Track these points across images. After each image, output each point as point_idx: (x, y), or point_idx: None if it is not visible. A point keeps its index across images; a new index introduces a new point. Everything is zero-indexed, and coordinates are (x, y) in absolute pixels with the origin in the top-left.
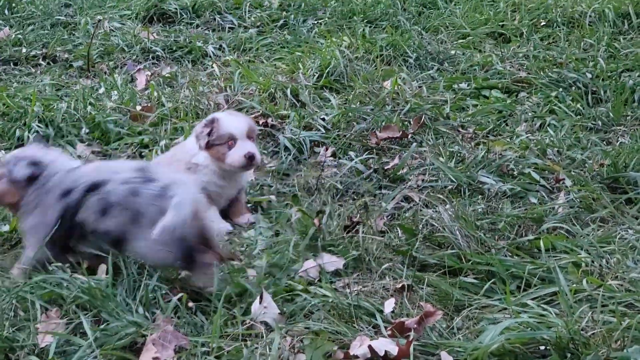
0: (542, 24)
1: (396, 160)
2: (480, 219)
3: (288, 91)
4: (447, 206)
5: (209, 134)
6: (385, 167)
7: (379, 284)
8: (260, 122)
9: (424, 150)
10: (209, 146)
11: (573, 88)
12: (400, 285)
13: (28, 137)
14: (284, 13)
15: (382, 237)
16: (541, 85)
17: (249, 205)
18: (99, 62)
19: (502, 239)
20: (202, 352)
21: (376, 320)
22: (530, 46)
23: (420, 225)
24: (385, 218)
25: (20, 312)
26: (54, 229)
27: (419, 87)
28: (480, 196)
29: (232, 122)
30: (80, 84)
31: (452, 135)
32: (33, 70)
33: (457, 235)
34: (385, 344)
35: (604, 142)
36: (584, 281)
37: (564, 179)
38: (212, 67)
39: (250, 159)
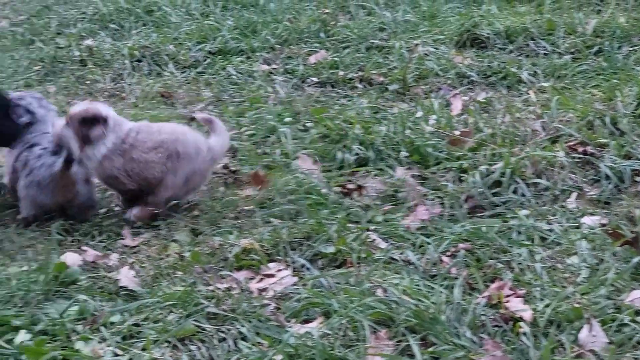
0: None
1: None
2: None
3: (607, 119)
4: None
5: None
6: None
7: None
8: (579, 150)
9: None
10: None
11: None
12: None
13: (348, 158)
14: (599, 39)
15: None
16: None
17: None
18: (414, 86)
19: None
20: None
21: None
22: None
23: None
24: None
25: (350, 332)
26: None
27: None
28: None
29: None
30: (398, 108)
31: None
32: (350, 92)
33: None
34: None
35: None
36: None
37: None
38: (528, 94)
39: None
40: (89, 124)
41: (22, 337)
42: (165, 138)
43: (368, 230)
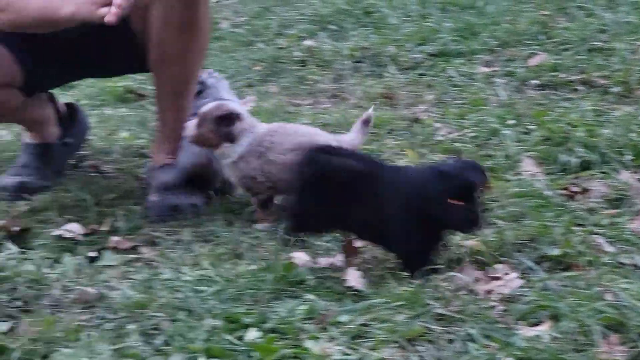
0: None
1: None
2: None
3: None
4: None
5: None
6: None
7: None
8: None
9: None
10: None
11: None
12: None
13: (571, 161)
14: None
15: None
16: None
17: None
18: (638, 88)
19: None
20: None
21: None
22: None
23: None
24: None
25: (580, 337)
26: None
27: None
28: None
29: None
30: (621, 110)
31: None
32: (571, 95)
33: None
34: None
35: None
36: None
37: None
38: None
39: None
40: (224, 121)
41: (252, 334)
42: (303, 140)
43: (593, 233)
